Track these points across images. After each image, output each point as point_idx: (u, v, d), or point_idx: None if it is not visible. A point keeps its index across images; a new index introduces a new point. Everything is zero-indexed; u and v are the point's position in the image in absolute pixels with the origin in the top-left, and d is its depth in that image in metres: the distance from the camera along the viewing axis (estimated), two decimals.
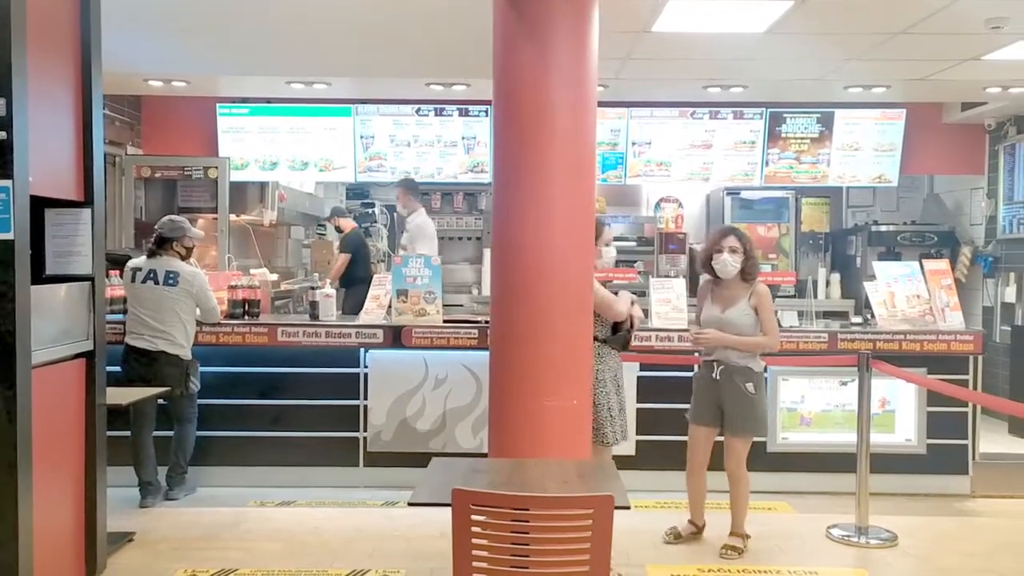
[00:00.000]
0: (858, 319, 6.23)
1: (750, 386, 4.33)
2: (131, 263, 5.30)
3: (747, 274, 4.38)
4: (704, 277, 4.62)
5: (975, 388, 5.55)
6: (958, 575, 4.24)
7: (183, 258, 5.30)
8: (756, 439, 4.50)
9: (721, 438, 4.43)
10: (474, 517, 2.37)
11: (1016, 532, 4.90)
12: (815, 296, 7.37)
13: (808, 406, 5.59)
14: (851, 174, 7.81)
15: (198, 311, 5.29)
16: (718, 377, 4.35)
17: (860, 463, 4.73)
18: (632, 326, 4.43)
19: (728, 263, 4.33)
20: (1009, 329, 7.36)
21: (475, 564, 2.38)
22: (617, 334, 4.39)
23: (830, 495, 5.23)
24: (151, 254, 5.25)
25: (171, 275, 5.16)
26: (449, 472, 2.92)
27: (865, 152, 7.75)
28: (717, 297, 4.43)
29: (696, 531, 4.56)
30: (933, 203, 8.69)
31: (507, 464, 3.31)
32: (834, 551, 4.55)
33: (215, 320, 5.35)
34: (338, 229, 7.98)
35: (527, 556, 2.38)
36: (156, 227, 5.36)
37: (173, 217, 5.49)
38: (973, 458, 5.55)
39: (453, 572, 2.41)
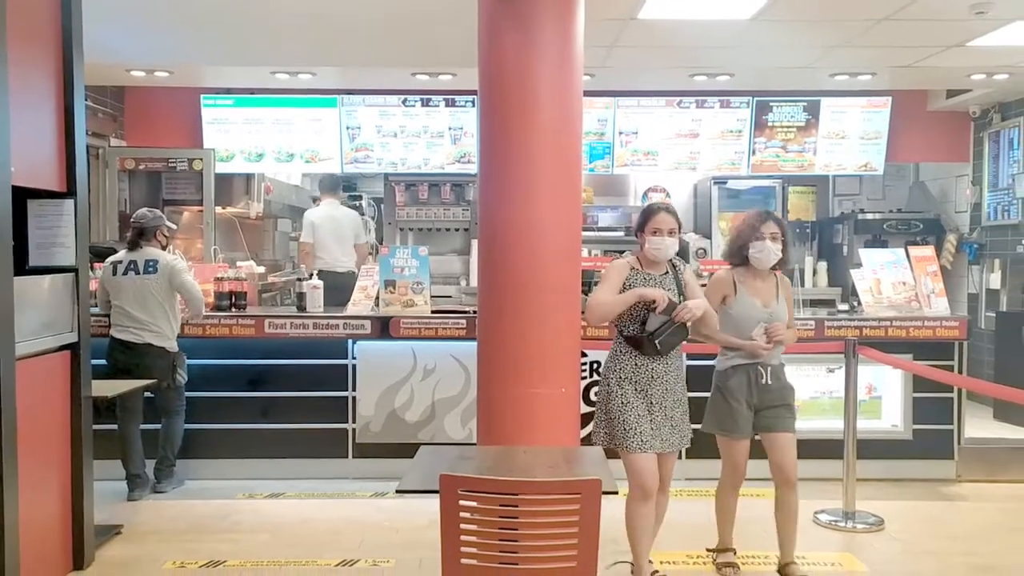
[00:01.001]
0: (845, 306, 6.26)
1: (787, 378, 4.00)
2: (111, 258, 5.26)
3: (785, 263, 3.94)
4: (723, 268, 4.09)
5: (960, 373, 5.59)
6: (944, 558, 4.27)
7: (163, 248, 5.29)
8: None
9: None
10: (462, 503, 2.37)
11: (1001, 516, 4.94)
12: (802, 284, 7.41)
13: (796, 394, 5.59)
14: (837, 162, 7.83)
15: (181, 305, 5.25)
16: (769, 381, 3.87)
17: (847, 449, 4.76)
18: (671, 324, 3.59)
19: (771, 251, 3.84)
20: (993, 315, 7.41)
21: (463, 549, 2.38)
22: (647, 333, 3.61)
23: (817, 481, 5.23)
24: (132, 246, 5.22)
25: (151, 263, 5.14)
26: (437, 460, 2.92)
27: (851, 140, 7.77)
28: (753, 290, 3.90)
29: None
30: (919, 191, 8.73)
31: (495, 451, 3.32)
32: (821, 536, 4.58)
33: (200, 309, 5.27)
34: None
35: (515, 541, 2.38)
36: (134, 219, 5.35)
37: (150, 208, 5.51)
38: (958, 443, 5.60)
39: (442, 558, 2.41)
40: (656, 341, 3.58)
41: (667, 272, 3.75)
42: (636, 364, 3.65)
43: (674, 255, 3.78)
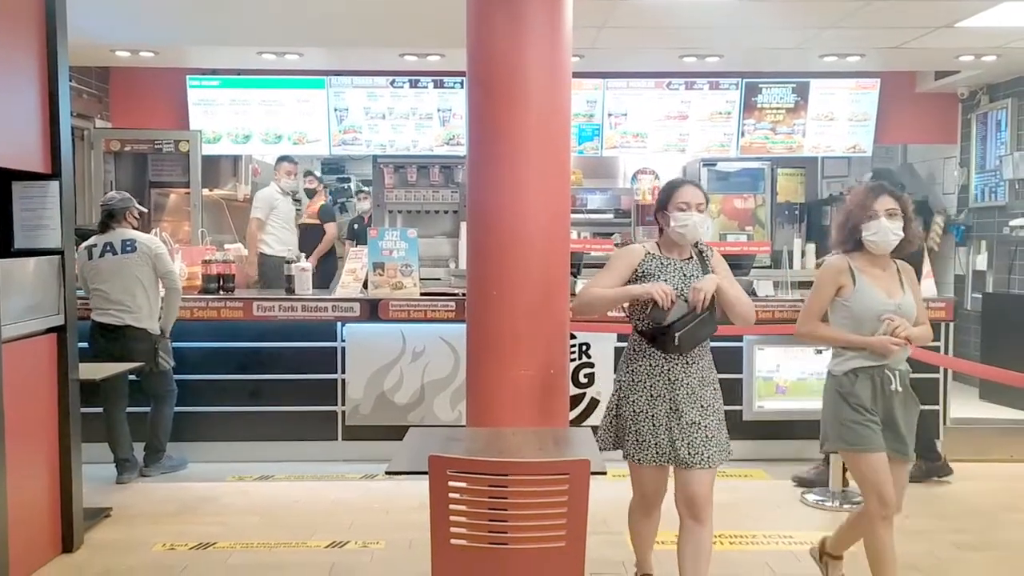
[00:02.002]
0: None
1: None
2: (84, 244, 5.15)
3: (909, 244, 3.24)
4: (837, 254, 3.35)
5: (946, 354, 5.63)
6: (931, 537, 4.31)
7: (134, 230, 5.24)
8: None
9: None
10: (452, 484, 2.38)
11: (986, 495, 4.99)
12: (791, 266, 7.41)
13: (783, 375, 5.64)
14: (826, 144, 7.85)
15: (161, 290, 5.22)
16: (899, 388, 3.19)
17: None
18: (694, 314, 3.06)
19: (888, 231, 3.16)
20: (980, 296, 7.46)
21: (453, 530, 2.39)
22: (659, 327, 3.07)
23: (805, 461, 5.29)
24: (104, 228, 5.17)
25: (127, 243, 5.10)
26: (427, 441, 2.92)
27: (840, 122, 7.79)
28: (873, 279, 3.22)
29: None
30: (907, 172, 8.75)
31: (484, 433, 3.32)
32: (808, 516, 4.62)
33: (176, 286, 5.21)
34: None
35: (505, 521, 2.39)
36: (103, 202, 5.32)
37: (118, 191, 5.50)
38: (944, 423, 5.64)
39: (431, 539, 2.42)
40: (676, 335, 3.02)
41: (691, 258, 3.22)
42: (651, 364, 3.13)
43: (701, 237, 3.23)
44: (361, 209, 8.54)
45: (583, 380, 5.53)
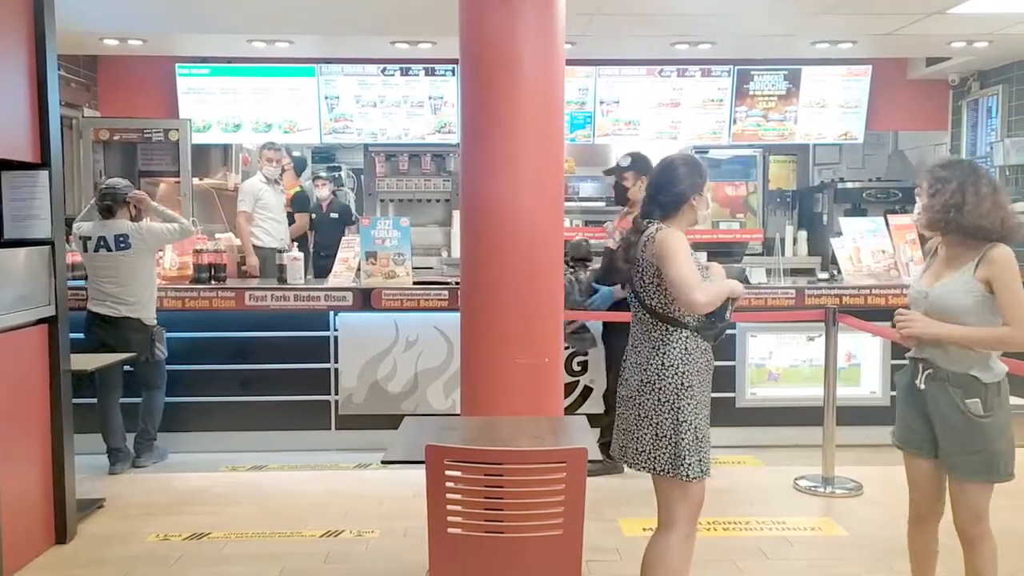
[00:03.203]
0: (825, 275, 6.28)
1: (973, 403, 2.77)
2: (80, 231, 5.12)
3: (975, 229, 2.76)
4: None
5: None
6: None
7: (132, 219, 5.19)
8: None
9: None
10: (448, 473, 2.37)
11: None
12: (783, 253, 7.44)
13: (776, 361, 5.66)
14: (818, 131, 7.87)
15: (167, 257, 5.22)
16: (922, 385, 2.86)
17: (827, 416, 4.80)
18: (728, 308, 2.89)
19: (915, 212, 3.00)
20: None
21: (449, 519, 2.39)
22: (710, 320, 2.83)
23: (797, 448, 5.31)
24: (107, 215, 5.12)
25: (120, 239, 5.06)
26: (421, 431, 2.91)
27: (831, 109, 7.80)
28: (932, 263, 2.97)
29: None
30: (898, 159, 8.77)
31: (480, 422, 3.32)
32: (801, 502, 4.64)
33: (191, 232, 5.26)
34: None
35: (501, 510, 2.39)
36: (108, 187, 5.21)
37: (119, 177, 5.44)
38: None
39: (428, 528, 2.41)
40: (720, 324, 2.86)
41: None
42: (709, 359, 2.87)
43: None
44: (320, 196, 7.66)
45: (576, 368, 5.54)
